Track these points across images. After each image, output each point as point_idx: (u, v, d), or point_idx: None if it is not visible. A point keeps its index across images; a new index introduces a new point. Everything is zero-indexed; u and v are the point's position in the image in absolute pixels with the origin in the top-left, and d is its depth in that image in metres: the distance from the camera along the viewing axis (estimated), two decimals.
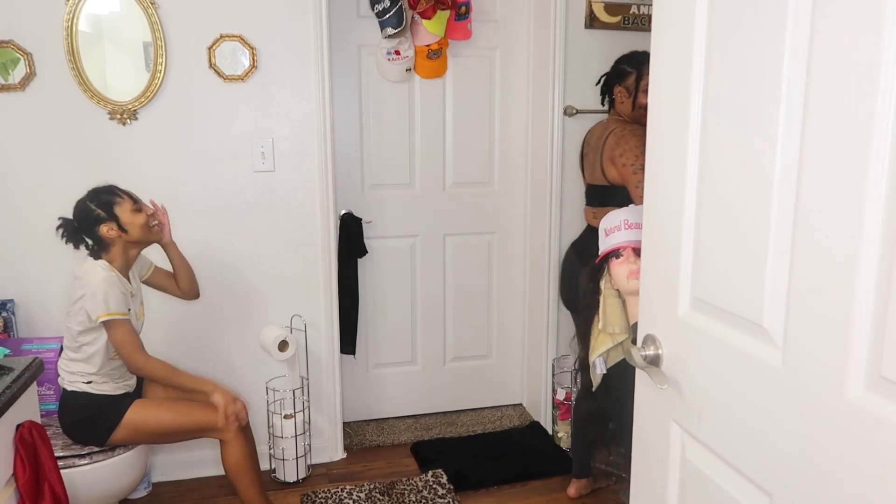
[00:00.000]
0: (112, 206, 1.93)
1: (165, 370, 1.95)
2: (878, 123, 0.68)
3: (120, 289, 1.91)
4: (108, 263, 1.94)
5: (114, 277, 1.91)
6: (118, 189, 1.98)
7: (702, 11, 0.94)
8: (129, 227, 1.94)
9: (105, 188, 1.97)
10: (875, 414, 0.70)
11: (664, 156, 1.05)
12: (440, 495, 2.41)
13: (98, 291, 1.87)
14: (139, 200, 2.00)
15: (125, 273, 2.00)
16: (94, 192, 1.96)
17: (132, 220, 1.95)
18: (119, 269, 1.97)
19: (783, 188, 0.81)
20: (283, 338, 2.44)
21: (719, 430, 0.97)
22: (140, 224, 1.96)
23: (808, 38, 0.76)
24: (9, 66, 2.21)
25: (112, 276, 1.91)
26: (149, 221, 1.99)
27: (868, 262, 0.70)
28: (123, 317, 1.89)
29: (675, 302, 1.04)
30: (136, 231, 1.96)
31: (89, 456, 1.96)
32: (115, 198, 1.94)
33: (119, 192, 1.97)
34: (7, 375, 1.37)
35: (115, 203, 1.93)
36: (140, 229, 1.97)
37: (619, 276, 1.83)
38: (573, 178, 2.78)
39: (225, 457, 2.03)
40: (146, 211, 2.00)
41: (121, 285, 1.92)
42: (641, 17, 2.72)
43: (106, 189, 1.97)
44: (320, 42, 2.42)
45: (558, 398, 2.83)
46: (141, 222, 1.96)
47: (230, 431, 2.00)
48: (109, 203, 1.93)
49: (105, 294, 1.86)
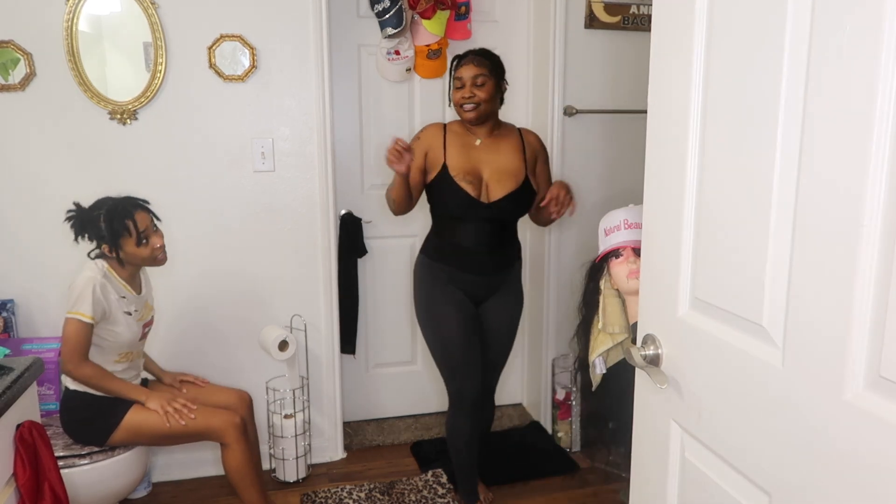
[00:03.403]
0: (118, 236, 1.90)
1: (97, 377, 1.91)
2: (877, 123, 0.68)
3: (100, 294, 1.88)
4: (109, 268, 1.94)
5: (99, 280, 1.88)
6: (133, 217, 1.91)
7: (701, 11, 0.94)
8: (129, 258, 1.94)
9: (122, 211, 1.90)
10: (874, 414, 0.70)
11: (664, 156, 1.05)
12: (440, 495, 2.41)
13: (76, 288, 1.87)
14: (148, 230, 1.94)
15: (131, 279, 1.99)
16: (110, 211, 1.90)
17: (134, 252, 1.93)
18: (126, 277, 1.97)
19: (783, 188, 0.81)
20: (283, 338, 2.44)
21: (719, 429, 0.97)
22: (142, 256, 1.94)
23: (807, 37, 0.76)
24: (9, 66, 2.21)
25: (96, 278, 1.88)
26: (154, 254, 1.96)
27: (868, 262, 0.70)
28: (83, 318, 1.85)
29: (675, 302, 1.04)
30: (137, 261, 1.96)
31: (89, 456, 1.96)
32: (123, 230, 1.89)
33: (130, 223, 1.90)
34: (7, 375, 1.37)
35: (121, 235, 1.90)
36: (141, 260, 1.96)
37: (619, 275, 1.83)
38: (573, 178, 2.78)
39: (226, 460, 2.03)
40: (153, 244, 1.95)
41: (104, 291, 1.89)
42: (641, 17, 2.72)
43: (122, 213, 1.90)
44: (320, 42, 2.42)
45: (558, 398, 2.83)
46: (143, 255, 1.94)
47: (230, 436, 2.00)
48: (117, 233, 1.90)
49: (80, 292, 1.86)
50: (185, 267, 2.43)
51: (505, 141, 2.11)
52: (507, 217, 2.10)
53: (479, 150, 2.08)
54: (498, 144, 2.10)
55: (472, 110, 2.03)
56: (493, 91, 2.05)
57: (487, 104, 2.04)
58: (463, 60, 2.06)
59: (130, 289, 1.99)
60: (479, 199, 2.04)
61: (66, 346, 1.87)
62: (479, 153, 2.07)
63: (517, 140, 2.13)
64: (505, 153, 2.09)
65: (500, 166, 2.06)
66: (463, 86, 2.03)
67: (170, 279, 2.41)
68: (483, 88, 2.02)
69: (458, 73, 2.06)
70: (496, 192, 2.04)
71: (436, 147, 2.08)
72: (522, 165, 2.09)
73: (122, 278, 1.97)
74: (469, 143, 2.09)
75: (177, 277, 2.43)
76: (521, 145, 2.13)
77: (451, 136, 2.10)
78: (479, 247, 2.08)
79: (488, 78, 2.03)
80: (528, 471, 2.62)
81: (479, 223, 2.06)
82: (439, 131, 2.12)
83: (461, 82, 2.04)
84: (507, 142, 2.11)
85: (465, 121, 2.07)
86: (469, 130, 2.11)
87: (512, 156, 2.09)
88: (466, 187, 2.02)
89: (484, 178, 2.06)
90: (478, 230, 2.06)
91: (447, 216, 2.11)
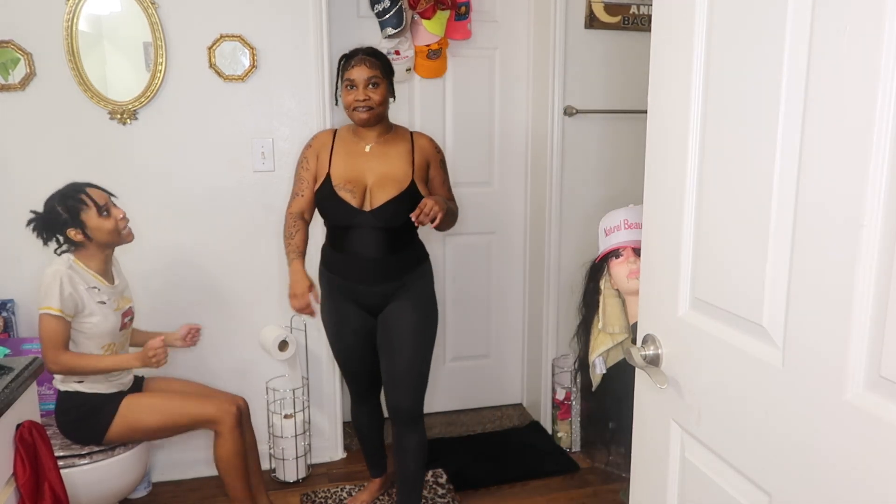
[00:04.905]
0: (78, 212, 1.89)
1: (76, 361, 1.89)
2: (877, 123, 0.68)
3: (69, 287, 1.86)
4: (75, 259, 1.92)
5: (64, 272, 1.87)
6: (86, 191, 1.91)
7: (701, 11, 0.94)
8: (95, 234, 1.91)
9: (73, 190, 1.91)
10: (874, 414, 0.70)
11: (664, 156, 1.05)
12: (440, 495, 2.41)
13: (43, 283, 1.86)
14: (108, 203, 1.93)
15: (104, 269, 1.98)
16: (62, 195, 1.90)
17: (99, 225, 1.90)
18: (95, 268, 1.95)
19: (783, 188, 0.81)
20: (283, 338, 2.44)
21: (719, 429, 0.97)
22: (108, 229, 1.92)
23: (807, 37, 0.76)
24: (9, 66, 2.21)
25: (62, 271, 1.87)
26: (118, 226, 1.94)
27: (868, 262, 0.70)
28: (53, 311, 1.84)
29: (675, 302, 1.04)
30: (104, 236, 1.92)
31: (89, 456, 1.96)
32: (81, 204, 1.89)
33: (85, 196, 1.90)
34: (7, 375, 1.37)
35: (81, 210, 1.89)
36: (108, 234, 1.92)
37: (619, 275, 1.83)
38: (573, 178, 2.79)
39: (217, 449, 2.05)
40: (115, 215, 1.93)
41: (72, 283, 1.88)
42: (641, 17, 2.72)
43: (73, 191, 1.91)
44: (320, 42, 2.42)
45: (558, 398, 2.83)
46: (108, 227, 1.92)
47: (226, 424, 2.01)
48: (75, 209, 1.89)
49: (48, 287, 1.85)
50: (184, 267, 2.43)
51: (394, 146, 2.04)
52: (392, 223, 1.97)
53: (366, 156, 2.02)
54: (386, 149, 2.03)
55: (366, 111, 1.96)
56: (386, 93, 2.00)
57: (381, 106, 1.98)
58: (353, 61, 1.98)
59: (102, 279, 1.97)
60: (359, 208, 1.96)
61: (42, 342, 1.87)
62: (366, 160, 2.01)
63: (407, 144, 2.06)
64: (392, 158, 2.02)
65: (385, 172, 2.00)
66: (355, 87, 1.96)
67: (170, 279, 2.41)
68: (377, 90, 1.96)
69: (349, 75, 1.97)
70: (378, 199, 1.97)
71: (323, 156, 2.04)
72: (409, 170, 2.01)
73: (90, 269, 1.94)
74: (357, 150, 2.03)
75: (177, 277, 2.43)
76: (411, 149, 2.05)
77: (339, 144, 2.05)
78: (366, 255, 1.99)
79: (381, 79, 1.97)
80: (528, 471, 2.62)
81: (364, 231, 1.97)
82: (328, 139, 2.07)
83: (353, 83, 1.96)
84: (397, 147, 2.04)
85: (358, 123, 2.00)
86: (358, 136, 2.04)
87: (399, 161, 2.02)
88: (346, 196, 1.96)
89: (368, 185, 1.99)
90: (364, 238, 1.98)
91: (334, 225, 2.04)
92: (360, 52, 2.00)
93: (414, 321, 2.05)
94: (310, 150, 2.07)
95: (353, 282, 2.04)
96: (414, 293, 2.07)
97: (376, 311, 2.07)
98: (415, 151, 2.06)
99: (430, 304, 2.11)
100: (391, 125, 2.09)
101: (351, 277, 2.04)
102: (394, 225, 1.98)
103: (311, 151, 2.06)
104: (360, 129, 2.04)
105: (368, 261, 1.99)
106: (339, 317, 2.08)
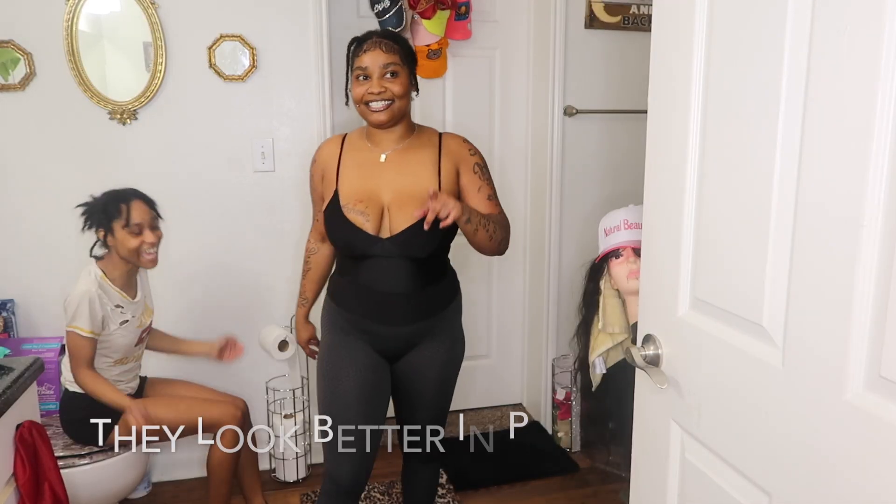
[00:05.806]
0: (111, 217, 1.90)
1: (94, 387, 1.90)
2: (878, 123, 0.68)
3: (97, 306, 1.88)
4: (103, 273, 1.93)
5: (94, 293, 1.88)
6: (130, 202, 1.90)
7: (702, 11, 0.94)
8: (118, 245, 1.91)
9: (121, 195, 1.92)
10: (874, 414, 0.70)
11: (664, 156, 1.05)
12: (440, 495, 2.41)
13: (72, 301, 1.87)
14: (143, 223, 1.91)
15: (126, 283, 1.98)
16: (113, 195, 1.92)
17: (123, 239, 1.90)
18: (117, 279, 1.95)
19: (783, 188, 0.81)
20: (284, 338, 2.44)
21: (719, 429, 0.97)
22: (129, 247, 1.91)
23: (807, 38, 0.76)
24: (9, 66, 2.21)
25: (93, 291, 1.88)
26: (141, 248, 1.92)
27: (868, 262, 0.70)
28: (82, 332, 1.87)
29: (675, 302, 1.04)
30: (124, 251, 1.92)
31: (89, 456, 1.96)
32: (116, 212, 1.89)
33: (124, 206, 1.89)
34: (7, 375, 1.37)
35: (114, 216, 1.89)
36: (128, 251, 1.91)
37: (619, 275, 1.83)
38: (573, 178, 2.79)
39: (213, 451, 2.07)
40: (145, 238, 1.92)
41: (101, 303, 1.89)
42: (641, 17, 2.72)
43: (120, 197, 1.91)
44: (320, 42, 2.42)
45: (558, 398, 2.83)
46: (130, 246, 1.90)
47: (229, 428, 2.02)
48: (111, 213, 1.90)
49: (77, 307, 1.86)
50: (184, 267, 2.43)
51: (416, 153, 1.64)
52: (418, 253, 1.57)
53: (382, 168, 1.62)
54: (407, 158, 1.63)
55: (384, 109, 1.57)
56: (408, 84, 1.61)
57: (402, 101, 1.59)
58: (365, 45, 1.59)
59: (125, 294, 1.98)
60: (375, 235, 1.56)
61: (70, 356, 1.92)
62: (381, 172, 1.62)
63: (433, 150, 1.65)
64: (414, 169, 1.62)
65: (405, 187, 1.59)
66: (368, 77, 1.57)
67: (170, 279, 2.41)
68: (396, 80, 1.57)
69: (359, 62, 1.58)
70: (399, 223, 1.56)
71: (330, 169, 1.67)
72: (435, 183, 1.61)
73: (116, 285, 1.95)
74: (370, 159, 1.64)
75: (176, 277, 2.43)
76: (438, 156, 1.64)
77: (347, 153, 1.67)
78: (386, 290, 1.58)
79: (401, 67, 1.58)
80: (528, 471, 2.62)
81: (382, 261, 1.57)
82: (335, 149, 1.69)
83: (366, 73, 1.57)
84: (419, 154, 1.64)
85: (373, 123, 1.61)
86: (373, 142, 1.66)
87: (422, 172, 1.61)
88: (357, 219, 1.56)
89: (385, 205, 1.58)
90: (383, 269, 1.57)
91: (344, 253, 1.65)
92: (375, 34, 1.62)
93: (447, 373, 1.71)
94: (315, 167, 1.74)
95: (369, 321, 1.63)
96: (447, 335, 1.69)
97: (394, 356, 1.68)
98: (442, 158, 1.63)
99: (460, 345, 1.75)
100: (414, 126, 1.70)
101: (367, 316, 1.62)
102: (420, 255, 1.58)
103: (317, 168, 1.73)
104: (374, 133, 1.65)
105: (389, 297, 1.59)
106: (341, 356, 1.64)
